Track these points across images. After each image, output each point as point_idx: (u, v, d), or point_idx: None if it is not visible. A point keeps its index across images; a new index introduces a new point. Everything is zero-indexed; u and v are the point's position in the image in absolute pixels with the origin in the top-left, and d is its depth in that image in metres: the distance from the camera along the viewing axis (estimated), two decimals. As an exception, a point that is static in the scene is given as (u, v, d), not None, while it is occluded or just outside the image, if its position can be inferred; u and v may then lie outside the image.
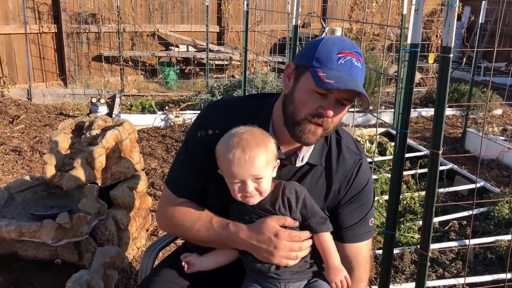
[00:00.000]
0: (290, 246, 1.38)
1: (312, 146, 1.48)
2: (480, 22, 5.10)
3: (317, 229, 1.44)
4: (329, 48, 1.34)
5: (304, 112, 1.36)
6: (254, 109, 1.52)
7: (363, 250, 1.56)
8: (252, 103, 1.55)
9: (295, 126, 1.38)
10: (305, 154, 1.48)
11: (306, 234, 1.42)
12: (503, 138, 5.08)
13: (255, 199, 1.41)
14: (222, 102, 1.64)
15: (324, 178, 1.51)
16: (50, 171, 2.59)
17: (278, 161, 1.43)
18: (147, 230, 3.22)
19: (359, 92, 1.32)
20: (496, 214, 3.46)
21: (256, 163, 1.36)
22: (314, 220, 1.43)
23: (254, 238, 1.39)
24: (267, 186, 1.41)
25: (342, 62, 1.33)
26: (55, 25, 7.14)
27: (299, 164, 1.48)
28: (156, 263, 1.82)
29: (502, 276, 2.67)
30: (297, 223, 1.41)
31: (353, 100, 1.37)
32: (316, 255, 1.47)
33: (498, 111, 6.68)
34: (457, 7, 1.50)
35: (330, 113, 1.34)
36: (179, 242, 2.58)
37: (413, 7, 1.67)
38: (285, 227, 1.41)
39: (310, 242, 1.43)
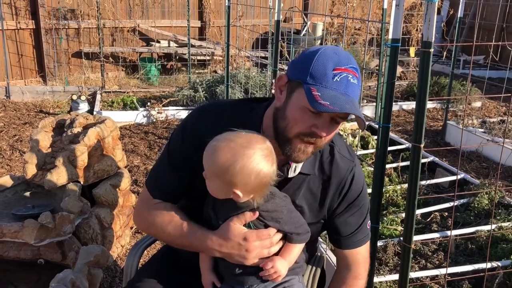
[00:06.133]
0: (261, 245, 1.37)
1: None
2: (458, 16, 5.17)
3: (293, 241, 1.42)
4: (324, 63, 1.27)
5: (296, 130, 1.30)
6: (243, 117, 1.46)
7: (362, 251, 1.57)
8: (241, 110, 1.49)
9: (286, 144, 1.33)
10: (298, 164, 1.44)
11: (274, 229, 1.39)
12: (482, 130, 5.17)
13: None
14: (210, 108, 1.57)
15: (318, 187, 1.49)
16: (31, 170, 2.56)
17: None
18: (131, 228, 3.20)
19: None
20: (476, 205, 3.52)
21: (211, 161, 1.30)
22: (294, 233, 1.41)
23: (223, 246, 1.37)
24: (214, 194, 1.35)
25: (338, 79, 1.26)
26: (33, 21, 7.01)
27: (291, 174, 1.45)
28: (142, 261, 1.82)
29: (482, 265, 2.73)
30: (257, 214, 1.36)
31: (347, 118, 1.32)
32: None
33: (477, 104, 6.79)
34: (436, 2, 1.52)
35: (323, 133, 1.30)
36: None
37: (393, 3, 1.68)
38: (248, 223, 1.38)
39: (280, 235, 1.40)
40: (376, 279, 2.69)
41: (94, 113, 5.56)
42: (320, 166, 1.48)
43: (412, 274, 2.73)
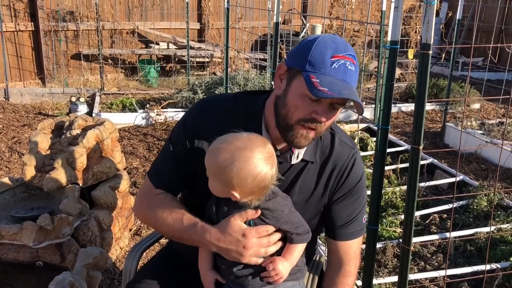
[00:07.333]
0: (259, 243, 1.37)
1: None
2: (457, 18, 5.18)
3: (293, 241, 1.41)
4: (322, 51, 1.30)
5: (297, 117, 1.33)
6: (245, 108, 1.49)
7: (354, 246, 1.57)
8: (242, 102, 1.51)
9: (288, 130, 1.36)
10: (300, 151, 1.47)
11: (272, 227, 1.39)
12: (481, 132, 5.17)
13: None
14: (212, 101, 1.60)
15: (318, 173, 1.51)
16: (30, 172, 2.55)
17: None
18: (130, 230, 3.19)
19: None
20: (475, 207, 3.53)
21: (211, 161, 1.33)
22: (294, 233, 1.41)
23: (221, 240, 1.37)
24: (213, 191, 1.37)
25: (336, 66, 1.29)
26: (32, 23, 7.01)
27: (294, 161, 1.47)
28: (140, 263, 1.82)
29: (481, 267, 2.73)
30: (259, 212, 1.37)
31: (345, 103, 1.35)
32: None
33: (476, 106, 6.80)
34: (435, 4, 1.52)
35: (323, 118, 1.33)
36: (163, 242, 2.57)
37: (392, 5, 1.68)
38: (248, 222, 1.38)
39: (278, 235, 1.40)
40: (375, 281, 2.68)
41: (93, 115, 5.56)
42: (322, 153, 1.51)
43: (411, 276, 2.73)
